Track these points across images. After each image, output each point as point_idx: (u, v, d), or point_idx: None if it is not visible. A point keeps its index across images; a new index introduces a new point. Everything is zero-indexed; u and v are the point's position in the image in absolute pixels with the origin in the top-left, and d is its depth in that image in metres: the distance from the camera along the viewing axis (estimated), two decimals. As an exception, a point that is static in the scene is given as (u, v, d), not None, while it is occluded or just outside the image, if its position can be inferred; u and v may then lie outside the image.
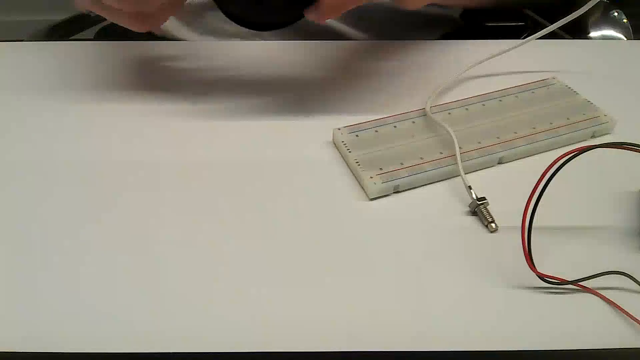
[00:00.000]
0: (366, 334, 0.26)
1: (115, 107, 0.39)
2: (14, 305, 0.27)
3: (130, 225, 0.31)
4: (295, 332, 0.26)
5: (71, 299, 0.27)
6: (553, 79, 0.40)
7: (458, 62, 0.42)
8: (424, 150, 0.34)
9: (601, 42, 0.49)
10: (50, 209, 0.32)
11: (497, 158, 0.34)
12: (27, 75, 0.43)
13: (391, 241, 0.30)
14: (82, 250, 0.29)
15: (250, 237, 0.30)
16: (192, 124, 0.38)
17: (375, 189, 0.32)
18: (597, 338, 0.25)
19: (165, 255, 0.29)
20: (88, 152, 0.36)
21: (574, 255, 0.29)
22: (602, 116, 0.37)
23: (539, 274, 0.27)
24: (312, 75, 0.42)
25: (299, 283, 0.28)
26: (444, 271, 0.28)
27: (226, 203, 0.32)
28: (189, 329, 0.26)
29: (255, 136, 0.37)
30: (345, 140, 0.35)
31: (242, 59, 0.45)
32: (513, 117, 0.37)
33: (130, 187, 0.33)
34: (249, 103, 0.40)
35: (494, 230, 0.30)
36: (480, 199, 0.31)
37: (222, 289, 0.27)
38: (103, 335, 0.25)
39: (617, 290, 0.27)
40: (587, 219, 0.31)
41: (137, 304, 0.27)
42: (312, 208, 0.32)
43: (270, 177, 0.34)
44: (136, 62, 0.44)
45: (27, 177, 0.34)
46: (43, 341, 0.25)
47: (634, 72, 0.43)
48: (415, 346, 0.25)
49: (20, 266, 0.28)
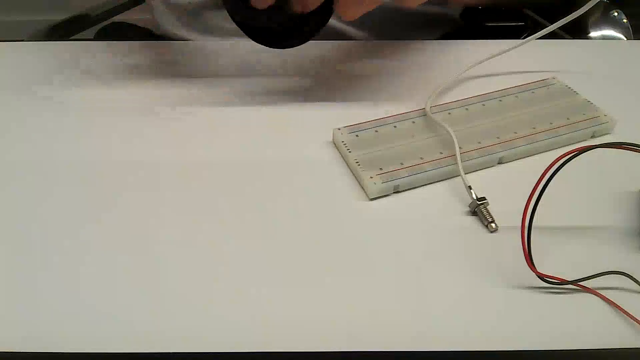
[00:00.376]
0: (366, 334, 0.26)
1: (115, 107, 0.39)
2: (14, 305, 0.27)
3: (130, 225, 0.31)
4: (295, 332, 0.26)
5: (71, 299, 0.27)
6: (553, 79, 0.40)
7: (458, 62, 0.42)
8: (424, 150, 0.34)
9: (601, 42, 0.49)
10: (50, 208, 0.32)
11: (497, 158, 0.34)
12: (27, 75, 0.43)
13: (391, 241, 0.30)
14: (82, 250, 0.29)
15: (250, 237, 0.30)
16: (192, 123, 0.38)
17: (375, 189, 0.32)
18: (597, 338, 0.25)
19: (165, 255, 0.29)
20: (88, 152, 0.36)
21: (574, 255, 0.29)
22: (602, 116, 0.37)
23: (538, 274, 0.27)
24: (312, 75, 0.42)
25: (299, 283, 0.28)
26: (444, 271, 0.28)
27: (226, 203, 0.32)
28: (189, 329, 0.26)
29: (255, 136, 0.37)
30: (345, 140, 0.35)
31: (242, 58, 0.45)
32: (513, 117, 0.37)
33: (130, 187, 0.33)
34: (249, 103, 0.40)
35: (494, 230, 0.30)
36: (480, 199, 0.31)
37: (222, 289, 0.27)
38: (103, 335, 0.25)
39: (617, 290, 0.27)
40: (587, 219, 0.31)
41: (137, 304, 0.27)
42: (312, 208, 0.32)
43: (270, 177, 0.34)
44: (136, 62, 0.44)
45: (27, 177, 0.34)
46: (43, 341, 0.25)
47: (634, 72, 0.43)
48: (415, 346, 0.25)
49: (20, 266, 0.28)
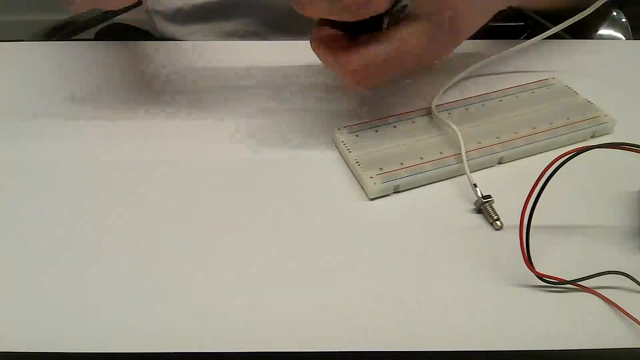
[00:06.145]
0: (366, 334, 0.26)
1: (115, 107, 0.39)
2: (14, 305, 0.27)
3: (130, 225, 0.31)
4: (296, 332, 0.26)
5: (71, 299, 0.27)
6: (553, 79, 0.40)
7: (458, 62, 0.42)
8: (424, 150, 0.34)
9: (601, 42, 0.49)
10: (50, 209, 0.32)
11: (497, 158, 0.34)
12: (27, 75, 0.43)
13: (391, 241, 0.30)
14: (82, 250, 0.29)
15: (250, 237, 0.30)
16: (191, 123, 0.38)
17: (375, 189, 0.32)
18: (596, 338, 0.25)
19: (165, 256, 0.29)
20: (88, 152, 0.36)
21: (573, 255, 0.29)
22: (602, 116, 0.37)
23: (537, 274, 0.27)
24: (312, 75, 0.42)
25: (299, 283, 0.28)
26: (443, 271, 0.28)
27: (226, 203, 0.32)
28: (189, 329, 0.26)
29: (255, 136, 0.37)
30: (345, 140, 0.35)
31: (241, 58, 0.45)
32: (513, 117, 0.37)
33: (130, 187, 0.33)
34: (249, 103, 0.40)
35: (499, 227, 0.30)
36: (485, 197, 0.31)
37: (222, 289, 0.27)
38: (103, 335, 0.25)
39: (617, 290, 0.27)
40: (587, 218, 0.31)
41: (137, 304, 0.27)
42: (312, 208, 0.32)
43: (270, 177, 0.34)
44: (136, 62, 0.44)
45: (26, 177, 0.34)
46: (43, 341, 0.25)
47: (634, 72, 0.43)
48: (415, 346, 0.25)
49: (21, 266, 0.29)
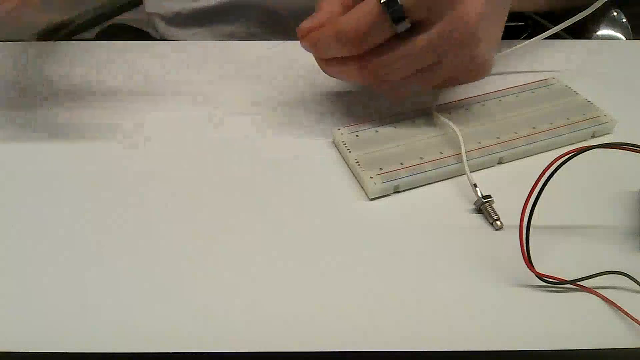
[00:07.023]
0: (366, 334, 0.26)
1: (115, 107, 0.39)
2: (14, 305, 0.27)
3: (130, 225, 0.31)
4: (295, 332, 0.26)
5: (71, 299, 0.27)
6: (553, 79, 0.40)
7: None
8: (424, 150, 0.34)
9: (601, 42, 0.49)
10: (50, 208, 0.32)
11: (497, 158, 0.34)
12: (27, 75, 0.43)
13: (391, 241, 0.30)
14: (82, 250, 0.29)
15: (250, 237, 0.30)
16: (191, 123, 0.38)
17: (375, 189, 0.32)
18: (595, 338, 0.25)
19: (165, 256, 0.29)
20: (88, 153, 0.36)
21: (573, 255, 0.29)
22: (602, 116, 0.37)
23: (537, 274, 0.27)
24: (312, 75, 0.42)
25: (298, 283, 0.28)
26: (443, 271, 0.28)
27: (226, 203, 0.32)
28: (189, 329, 0.26)
29: (255, 136, 0.37)
30: (345, 140, 0.35)
31: (241, 59, 0.45)
32: (513, 117, 0.37)
33: (130, 187, 0.33)
34: (249, 103, 0.40)
35: (499, 227, 0.30)
36: (485, 197, 0.31)
37: (222, 289, 0.27)
38: (103, 335, 0.25)
39: (617, 290, 0.27)
40: (587, 218, 0.31)
41: (137, 304, 0.27)
42: (312, 208, 0.32)
43: (270, 177, 0.34)
44: (136, 62, 0.44)
45: (26, 178, 0.34)
46: (43, 341, 0.25)
47: (634, 72, 0.43)
48: (415, 346, 0.25)
49: (21, 266, 0.29)
